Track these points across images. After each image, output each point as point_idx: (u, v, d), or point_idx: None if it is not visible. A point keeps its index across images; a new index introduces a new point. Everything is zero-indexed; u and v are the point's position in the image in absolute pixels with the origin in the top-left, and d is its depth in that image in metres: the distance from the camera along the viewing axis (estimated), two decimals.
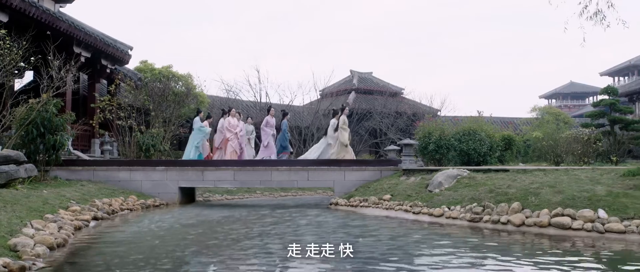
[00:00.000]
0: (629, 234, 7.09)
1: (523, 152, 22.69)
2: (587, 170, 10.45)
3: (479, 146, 18.39)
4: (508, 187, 9.52)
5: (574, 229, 7.51)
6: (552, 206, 8.12)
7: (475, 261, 5.83)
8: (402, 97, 33.32)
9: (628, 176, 9.00)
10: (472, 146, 18.16)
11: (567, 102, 63.01)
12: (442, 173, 11.22)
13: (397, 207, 10.49)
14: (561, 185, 9.03)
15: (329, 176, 13.97)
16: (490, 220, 8.41)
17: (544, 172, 10.47)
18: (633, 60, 46.75)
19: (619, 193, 8.20)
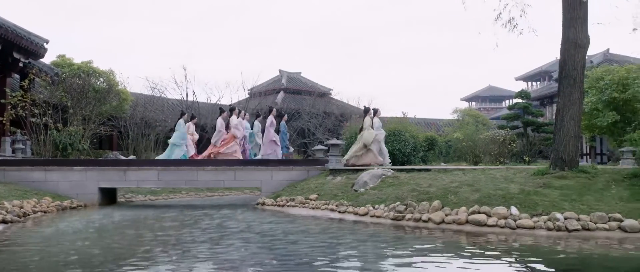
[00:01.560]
0: (537, 229, 7.56)
1: (445, 153, 23.60)
2: (502, 169, 11.04)
3: (404, 146, 18.92)
4: (429, 186, 9.88)
5: (489, 225, 7.91)
6: (470, 204, 8.51)
7: (398, 258, 6.00)
8: (330, 98, 33.71)
9: (538, 175, 9.59)
10: (397, 146, 18.66)
11: (486, 105, 66.08)
12: (367, 173, 11.46)
13: (324, 206, 10.60)
14: (478, 184, 9.48)
15: (256, 175, 13.90)
16: (413, 218, 8.69)
17: (463, 171, 10.96)
18: (544, 67, 49.80)
19: (530, 191, 8.72)
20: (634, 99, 15.68)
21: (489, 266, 5.60)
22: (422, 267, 5.44)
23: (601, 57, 29.58)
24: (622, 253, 6.38)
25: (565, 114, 9.93)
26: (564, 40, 10.07)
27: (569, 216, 7.63)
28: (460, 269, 5.45)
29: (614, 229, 7.32)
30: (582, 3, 9.88)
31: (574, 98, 9.97)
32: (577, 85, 10.04)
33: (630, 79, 16.04)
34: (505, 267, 5.61)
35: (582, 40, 9.97)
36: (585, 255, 6.29)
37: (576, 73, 9.99)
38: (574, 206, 7.93)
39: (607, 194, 8.38)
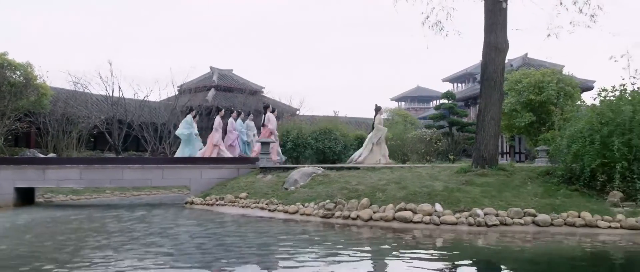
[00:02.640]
0: (459, 225, 7.88)
1: None
2: (428, 167, 11.43)
3: (334, 144, 19.14)
4: (358, 184, 10.05)
5: (415, 222, 8.16)
6: (397, 201, 8.74)
7: (325, 256, 6.06)
8: (262, 96, 33.51)
9: (461, 173, 10.01)
10: (328, 145, 18.87)
11: (414, 105, 68.06)
12: (297, 171, 11.50)
13: (254, 205, 10.54)
14: (405, 181, 9.76)
15: (185, 174, 13.60)
16: (342, 216, 8.81)
17: (391, 169, 11.24)
18: (469, 69, 52.00)
19: (454, 188, 9.08)
20: (548, 101, 16.68)
21: (415, 261, 5.78)
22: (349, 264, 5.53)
23: (520, 61, 31.23)
24: (535, 246, 6.78)
25: (486, 115, 10.42)
26: (486, 44, 10.57)
27: (488, 211, 8.02)
28: (387, 265, 5.59)
29: (529, 224, 7.75)
30: (501, 10, 10.40)
31: (495, 99, 10.48)
32: (497, 87, 10.56)
33: (545, 82, 17.07)
34: (430, 263, 5.81)
35: (502, 45, 10.49)
36: (503, 248, 6.64)
37: (496, 75, 10.51)
38: (493, 202, 8.34)
39: (523, 190, 8.87)
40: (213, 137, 15.36)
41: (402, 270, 5.39)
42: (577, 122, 9.53)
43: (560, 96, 16.76)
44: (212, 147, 15.21)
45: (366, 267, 5.58)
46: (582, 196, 8.48)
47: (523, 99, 17.27)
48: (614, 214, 7.68)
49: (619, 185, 8.24)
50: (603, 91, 9.80)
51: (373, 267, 5.57)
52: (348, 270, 5.30)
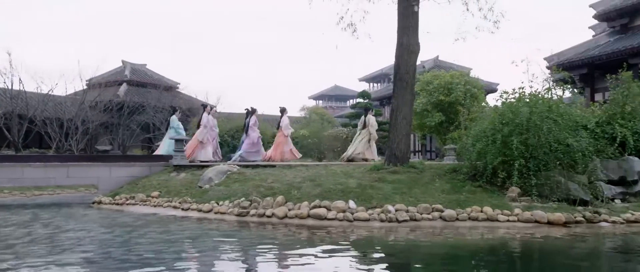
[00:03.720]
0: (372, 221, 8.10)
1: None
2: (342, 165, 11.63)
3: None
4: (274, 181, 10.05)
5: (329, 219, 8.27)
6: (312, 199, 8.83)
7: (236, 254, 6.01)
8: (177, 92, 32.60)
9: (374, 170, 10.29)
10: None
11: (332, 104, 69.04)
12: (212, 169, 11.31)
13: (166, 204, 10.24)
14: (320, 179, 9.88)
15: (93, 172, 12.95)
16: (257, 214, 8.77)
17: (307, 167, 11.33)
18: (384, 70, 53.49)
19: (367, 185, 9.32)
20: (456, 102, 17.53)
21: (330, 259, 5.87)
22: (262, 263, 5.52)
23: (432, 63, 32.59)
24: (442, 239, 7.10)
25: (398, 114, 10.78)
26: (399, 46, 10.92)
27: (399, 207, 8.30)
28: (300, 261, 5.63)
29: (437, 219, 8.12)
30: (413, 13, 10.79)
31: (406, 99, 10.86)
32: (409, 87, 10.95)
33: (454, 84, 17.94)
34: (343, 258, 5.92)
35: (414, 47, 10.89)
36: (412, 242, 6.91)
37: (408, 76, 10.90)
38: (404, 199, 8.64)
39: (432, 187, 9.27)
40: (200, 133, 14.63)
41: (317, 266, 5.45)
42: (481, 122, 10.10)
43: (467, 97, 17.67)
44: (197, 143, 14.50)
45: (280, 264, 5.58)
46: (484, 191, 8.99)
47: (434, 99, 18.04)
48: (512, 208, 8.22)
49: (517, 181, 8.82)
50: (504, 93, 10.44)
51: (287, 263, 5.59)
52: (262, 268, 5.29)
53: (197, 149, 14.32)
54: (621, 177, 9.43)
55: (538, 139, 9.09)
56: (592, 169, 9.25)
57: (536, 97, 9.76)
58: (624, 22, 25.21)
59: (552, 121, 9.15)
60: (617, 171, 9.45)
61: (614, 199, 9.09)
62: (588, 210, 8.23)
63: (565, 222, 7.80)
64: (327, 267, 5.40)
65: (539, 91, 10.08)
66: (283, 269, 5.35)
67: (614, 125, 10.04)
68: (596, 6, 26.07)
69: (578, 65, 23.40)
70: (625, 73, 11.01)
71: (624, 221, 8.08)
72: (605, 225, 7.89)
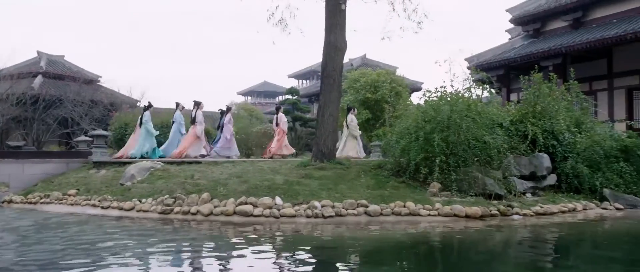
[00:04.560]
0: (298, 217, 8.13)
1: None
2: (269, 161, 11.61)
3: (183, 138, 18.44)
4: (200, 178, 9.86)
5: (255, 215, 8.23)
6: (238, 195, 8.74)
7: (156, 253, 5.86)
8: (98, 85, 31.17)
9: (301, 167, 10.34)
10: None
11: (261, 100, 68.60)
12: (134, 166, 10.93)
13: (84, 202, 9.80)
14: (247, 175, 9.80)
15: (3, 169, 12.14)
16: (181, 211, 8.57)
17: (233, 163, 11.21)
18: (314, 66, 53.80)
19: (293, 182, 9.35)
20: (382, 99, 17.97)
21: (254, 255, 5.84)
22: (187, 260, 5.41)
23: (360, 61, 33.19)
24: (366, 234, 7.26)
25: (325, 111, 10.89)
26: (326, 43, 11.03)
27: (325, 203, 8.39)
28: (226, 258, 5.57)
29: (362, 214, 8.27)
30: (341, 11, 10.94)
31: (333, 96, 10.99)
32: (336, 85, 11.09)
33: (380, 82, 18.37)
34: (269, 253, 5.92)
35: (341, 45, 11.03)
36: (337, 237, 7.01)
37: (335, 74, 11.03)
38: (330, 195, 8.75)
39: (357, 183, 9.45)
40: (197, 129, 14.60)
41: (242, 263, 5.41)
42: (405, 120, 10.40)
43: (392, 95, 18.15)
44: (195, 138, 14.48)
45: (205, 262, 5.49)
46: (408, 187, 9.28)
47: (360, 97, 18.38)
48: (433, 203, 8.53)
49: (438, 177, 9.17)
50: (427, 92, 10.82)
51: (211, 261, 5.51)
52: (187, 266, 5.18)
53: (193, 144, 14.40)
54: (532, 173, 10.04)
55: (458, 137, 9.48)
56: (506, 165, 9.78)
57: (456, 97, 10.18)
58: (537, 26, 26.78)
59: (471, 119, 9.58)
60: (529, 167, 10.05)
61: (526, 193, 9.66)
62: (502, 204, 8.70)
63: (481, 215, 8.20)
64: (251, 264, 5.37)
65: (460, 91, 10.52)
66: (202, 267, 5.26)
67: (526, 123, 10.66)
68: (512, 11, 27.58)
69: (495, 67, 24.65)
70: (536, 75, 11.72)
71: (534, 213, 8.61)
72: (517, 217, 8.38)
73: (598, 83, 24.58)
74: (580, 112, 11.89)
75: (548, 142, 10.47)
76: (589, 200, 9.75)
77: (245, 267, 5.25)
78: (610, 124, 13.28)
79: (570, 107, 11.76)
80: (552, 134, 10.61)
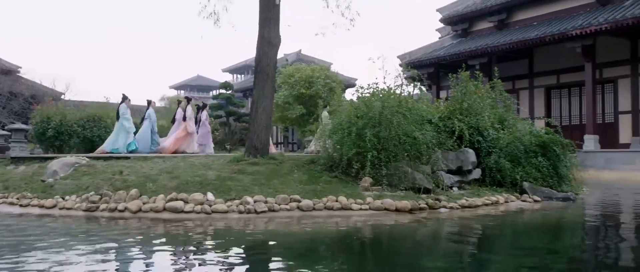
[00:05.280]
0: (230, 213, 8.04)
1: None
2: (201, 156, 11.41)
3: (105, 133, 17.84)
4: (128, 174, 9.55)
5: (186, 212, 8.06)
6: (169, 191, 8.53)
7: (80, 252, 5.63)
8: (18, 76, 29.48)
9: (234, 162, 10.24)
10: (97, 133, 17.53)
11: (194, 94, 67.35)
12: (58, 161, 10.42)
13: (1, 200, 9.24)
14: (178, 171, 9.59)
15: None
16: (108, 208, 8.26)
17: (164, 159, 10.93)
18: (249, 61, 53.42)
19: (226, 177, 9.24)
20: (317, 95, 18.13)
21: (185, 250, 5.73)
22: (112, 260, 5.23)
23: (295, 57, 33.24)
24: (299, 229, 7.30)
25: (259, 106, 10.83)
26: (260, 38, 10.96)
27: (258, 199, 8.35)
28: (154, 256, 5.43)
29: (294, 209, 8.30)
30: (275, 6, 10.90)
31: (267, 91, 10.94)
32: (270, 80, 11.05)
33: (315, 77, 18.51)
34: (200, 250, 5.82)
35: (275, 39, 11.00)
36: (270, 232, 7.01)
37: (269, 69, 10.99)
38: (263, 190, 8.71)
39: (291, 178, 9.47)
40: (189, 126, 14.89)
41: (168, 260, 5.30)
42: (338, 115, 10.53)
43: (326, 91, 18.33)
44: (187, 134, 14.81)
45: (132, 260, 5.33)
46: (340, 182, 9.40)
47: (295, 92, 18.46)
48: (365, 197, 8.70)
49: (369, 171, 9.34)
50: (360, 88, 11.00)
51: (137, 260, 5.35)
52: (109, 264, 5.01)
53: (186, 140, 14.75)
54: (458, 167, 10.44)
55: (389, 132, 9.70)
56: (434, 160, 10.12)
57: (388, 93, 10.41)
58: (465, 26, 27.85)
59: (402, 116, 9.83)
60: (455, 162, 10.45)
61: (452, 187, 10.04)
62: (430, 197, 9.00)
63: (410, 209, 8.44)
64: (181, 260, 5.27)
65: (391, 87, 10.77)
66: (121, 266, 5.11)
67: (454, 120, 11.06)
68: (442, 11, 28.53)
69: (426, 65, 25.48)
70: (463, 73, 12.18)
71: (460, 206, 8.97)
72: (444, 211, 8.69)
73: (520, 82, 25.94)
74: (503, 110, 12.49)
75: (474, 138, 10.91)
76: (510, 193, 10.26)
77: (172, 264, 5.14)
78: (531, 121, 14.02)
79: (494, 104, 12.32)
80: (478, 130, 11.08)
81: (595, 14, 20.58)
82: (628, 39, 21.21)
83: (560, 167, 10.95)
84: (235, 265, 5.11)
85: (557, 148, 10.95)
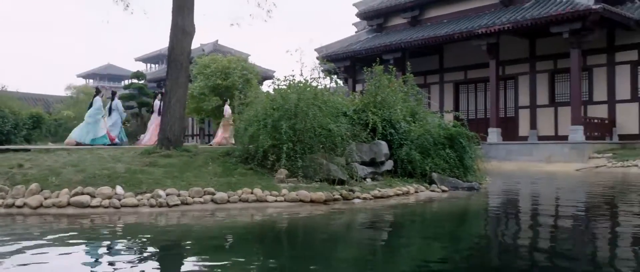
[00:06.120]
0: (141, 207, 7.76)
1: (54, 132, 21.85)
2: (110, 149, 10.92)
3: (2, 123, 16.66)
4: (29, 167, 8.94)
5: (93, 206, 7.67)
6: (74, 185, 8.08)
7: None
8: None
9: (145, 154, 9.89)
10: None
11: (105, 83, 64.24)
12: None
13: None
14: (84, 164, 9.11)
15: None
16: (4, 204, 7.68)
17: (69, 151, 10.35)
18: (163, 50, 51.60)
19: (137, 170, 8.90)
20: (233, 86, 17.89)
21: (86, 248, 5.46)
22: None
23: (211, 47, 32.56)
24: (213, 222, 7.20)
25: (172, 97, 10.52)
26: (173, 26, 10.63)
27: (170, 192, 8.11)
28: (48, 254, 5.14)
29: (208, 202, 8.15)
30: None
31: (181, 82, 10.65)
32: (184, 69, 10.76)
33: (231, 68, 18.24)
34: (104, 245, 5.58)
35: (189, 28, 10.72)
36: (183, 226, 6.85)
37: (183, 58, 10.70)
38: (176, 183, 8.48)
39: (205, 170, 9.29)
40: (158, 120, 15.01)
41: (75, 258, 5.03)
42: (255, 107, 10.46)
43: (243, 82, 18.14)
44: None
45: (28, 259, 5.00)
46: (255, 174, 9.35)
47: (211, 83, 18.10)
48: (280, 189, 8.71)
49: (285, 163, 9.38)
50: (277, 80, 10.98)
51: (29, 257, 5.04)
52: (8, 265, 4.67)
53: None
54: (372, 159, 10.73)
55: (305, 124, 9.77)
56: (349, 152, 10.33)
57: (304, 86, 10.47)
58: (380, 22, 28.57)
59: (318, 108, 9.94)
60: (369, 153, 10.73)
61: (366, 178, 10.30)
62: (345, 188, 9.17)
63: (325, 200, 8.56)
64: (81, 258, 5.03)
65: (308, 80, 10.84)
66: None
67: (368, 113, 11.34)
68: (358, 5, 29.06)
69: (342, 58, 25.89)
70: (377, 67, 12.51)
71: (373, 197, 9.22)
72: (358, 201, 8.90)
73: (431, 77, 27.07)
74: (415, 103, 12.97)
75: (387, 131, 11.25)
76: (420, 183, 10.69)
77: (75, 262, 4.89)
78: (440, 115, 14.67)
79: (406, 98, 12.76)
80: (390, 122, 11.43)
81: (499, 14, 21.86)
82: (527, 38, 22.74)
83: (466, 158, 11.55)
84: (146, 260, 4.95)
85: (464, 140, 11.54)
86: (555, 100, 22.74)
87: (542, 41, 22.36)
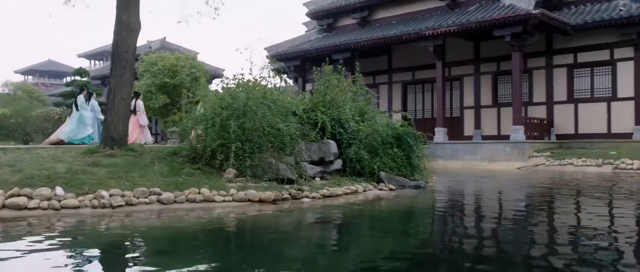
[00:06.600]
0: (83, 208, 7.50)
1: None
2: (50, 149, 10.50)
3: None
4: None
5: (30, 208, 7.34)
6: (10, 187, 7.71)
7: None
8: None
9: (88, 154, 9.56)
10: None
11: (46, 80, 61.76)
12: None
13: None
14: (22, 164, 8.72)
15: None
16: None
17: (4, 151, 9.87)
18: (107, 47, 50.10)
19: (78, 170, 8.59)
20: (181, 85, 17.56)
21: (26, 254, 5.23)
22: None
23: (159, 44, 31.83)
24: (159, 223, 7.04)
25: (116, 95, 10.22)
26: (117, 22, 10.33)
27: (114, 193, 7.88)
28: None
29: (154, 203, 7.96)
30: None
31: (125, 79, 10.36)
32: (129, 67, 10.48)
33: (179, 66, 17.90)
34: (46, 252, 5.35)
35: (134, 25, 10.44)
36: (127, 228, 6.66)
37: (128, 55, 10.41)
38: (120, 183, 8.25)
39: (151, 170, 9.07)
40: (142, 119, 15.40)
41: (4, 265, 4.80)
42: (203, 106, 10.30)
43: (191, 81, 17.83)
44: (140, 128, 15.35)
45: None
46: (203, 173, 9.21)
47: (158, 81, 17.69)
48: (229, 188, 8.62)
49: (233, 163, 9.28)
50: (226, 79, 10.86)
51: None
52: None
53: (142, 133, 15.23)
54: (321, 158, 10.78)
55: (253, 123, 9.70)
56: (298, 151, 10.34)
57: (254, 85, 10.40)
58: (330, 22, 28.74)
59: (266, 107, 9.89)
60: (318, 153, 10.78)
61: (315, 177, 10.34)
62: (294, 188, 9.18)
63: (274, 199, 8.54)
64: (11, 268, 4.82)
65: (257, 79, 10.77)
66: None
67: (317, 112, 11.38)
68: (308, 5, 29.12)
69: (292, 57, 25.88)
70: (327, 67, 12.58)
71: (321, 196, 9.26)
72: (307, 200, 8.92)
73: (380, 77, 27.45)
74: (364, 103, 13.11)
75: (335, 130, 11.32)
76: (368, 182, 10.83)
77: (3, 270, 4.67)
78: (389, 114, 14.90)
79: (355, 98, 12.88)
80: (339, 122, 11.51)
81: (446, 17, 22.42)
82: (472, 41, 23.45)
83: (413, 157, 11.78)
84: (86, 264, 4.79)
85: (411, 140, 11.76)
86: (498, 101, 23.55)
87: (486, 44, 23.09)
